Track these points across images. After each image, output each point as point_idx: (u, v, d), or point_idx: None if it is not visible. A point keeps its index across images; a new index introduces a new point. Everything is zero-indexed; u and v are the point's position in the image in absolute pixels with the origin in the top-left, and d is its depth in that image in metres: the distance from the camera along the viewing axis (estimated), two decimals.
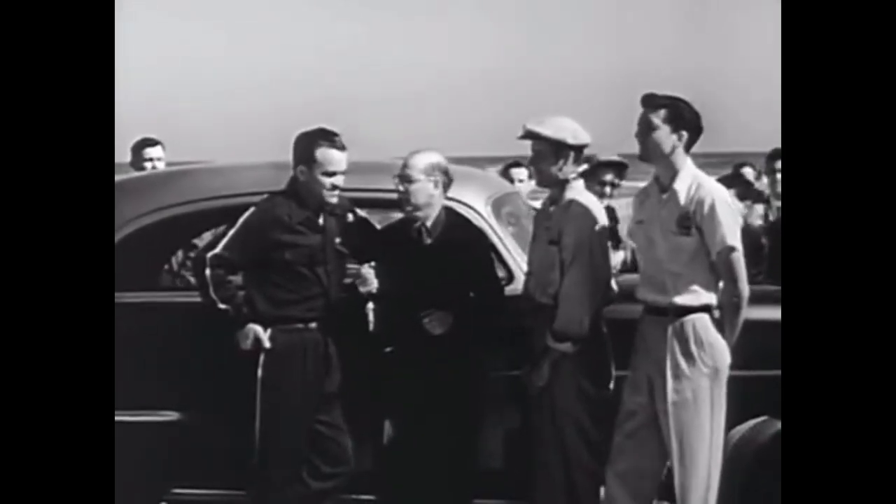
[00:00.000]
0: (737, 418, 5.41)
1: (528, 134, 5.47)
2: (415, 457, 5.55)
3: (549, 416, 5.37)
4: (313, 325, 5.59)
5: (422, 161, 5.60)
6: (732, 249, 5.15)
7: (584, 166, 5.59)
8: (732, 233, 5.17)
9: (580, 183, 5.52)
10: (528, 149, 5.54)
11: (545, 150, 5.45)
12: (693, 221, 5.16)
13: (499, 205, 6.10)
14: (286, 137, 5.71)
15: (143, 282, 6.12)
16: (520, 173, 8.27)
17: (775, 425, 5.48)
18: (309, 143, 5.59)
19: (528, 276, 5.59)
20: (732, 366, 5.20)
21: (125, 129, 6.65)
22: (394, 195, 5.63)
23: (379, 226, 6.06)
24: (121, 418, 4.64)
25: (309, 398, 5.56)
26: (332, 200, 5.60)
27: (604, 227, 5.46)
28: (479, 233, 5.78)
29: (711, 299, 5.22)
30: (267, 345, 5.54)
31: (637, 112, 5.29)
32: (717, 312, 5.23)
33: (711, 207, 5.14)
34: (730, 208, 5.25)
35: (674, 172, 5.25)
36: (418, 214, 5.60)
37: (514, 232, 6.04)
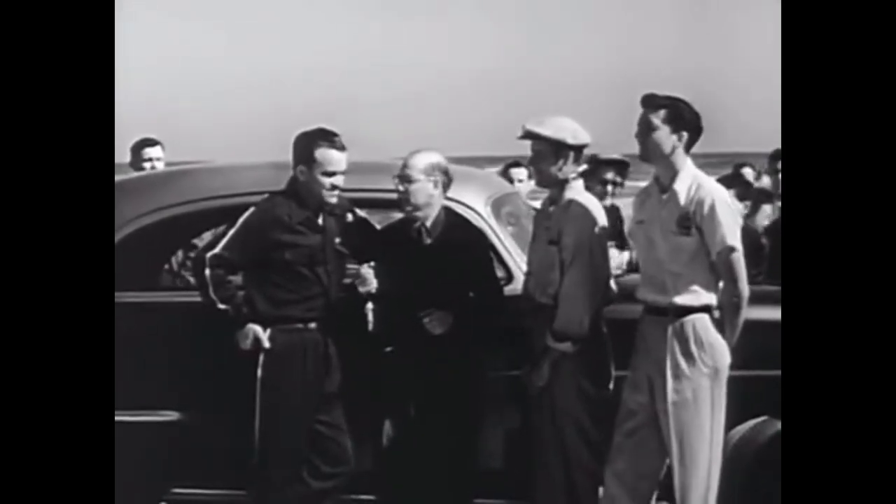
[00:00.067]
0: (737, 418, 5.41)
1: (527, 134, 5.46)
2: (415, 457, 5.55)
3: (549, 416, 5.37)
4: (313, 325, 5.59)
5: (421, 161, 5.60)
6: (732, 249, 5.15)
7: (583, 166, 5.59)
8: (732, 233, 5.17)
9: (580, 183, 5.52)
10: (528, 149, 5.54)
11: (545, 150, 5.45)
12: (693, 221, 5.16)
13: (498, 205, 6.09)
14: (286, 137, 5.71)
15: (143, 282, 6.12)
16: (519, 173, 8.27)
17: (775, 425, 5.49)
18: (308, 144, 5.59)
19: (528, 276, 5.59)
20: (732, 366, 5.20)
21: (125, 129, 6.64)
22: (393, 195, 5.63)
23: (379, 226, 6.05)
24: (121, 418, 4.64)
25: (309, 398, 5.56)
26: (332, 200, 5.60)
27: (603, 227, 5.45)
28: (478, 233, 5.77)
29: (711, 299, 5.22)
30: (267, 345, 5.54)
31: (637, 112, 5.29)
32: (717, 312, 5.23)
33: (711, 208, 5.14)
34: (730, 208, 5.25)
35: (674, 173, 5.25)
36: (418, 214, 5.60)
37: (514, 232, 6.03)
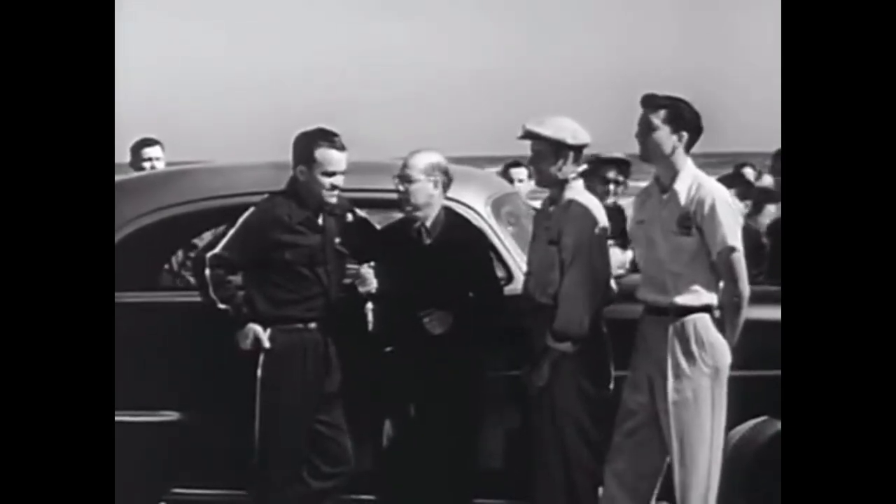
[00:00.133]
0: (737, 418, 5.41)
1: (527, 134, 5.46)
2: (415, 457, 5.55)
3: (549, 416, 5.37)
4: (313, 325, 5.59)
5: (422, 161, 5.60)
6: (733, 249, 5.15)
7: (583, 166, 5.59)
8: (733, 233, 5.17)
9: (580, 183, 5.52)
10: (528, 149, 5.54)
11: (545, 150, 5.45)
12: (693, 221, 5.16)
13: (498, 205, 6.09)
14: (286, 137, 5.71)
15: (144, 282, 6.12)
16: (520, 173, 8.27)
17: (775, 425, 5.49)
18: (308, 144, 5.59)
19: (528, 276, 5.59)
20: (733, 366, 5.20)
21: (125, 129, 6.64)
22: (393, 195, 5.63)
23: (379, 226, 6.05)
24: (121, 418, 4.64)
25: (309, 398, 5.56)
26: (332, 200, 5.60)
27: (604, 228, 5.45)
28: (478, 233, 5.77)
29: (712, 299, 5.22)
30: (267, 345, 5.54)
31: (637, 112, 5.29)
32: (717, 312, 5.23)
33: (712, 208, 5.14)
34: (730, 208, 5.25)
35: (674, 173, 5.25)
36: (418, 214, 5.60)
37: (514, 232, 6.03)
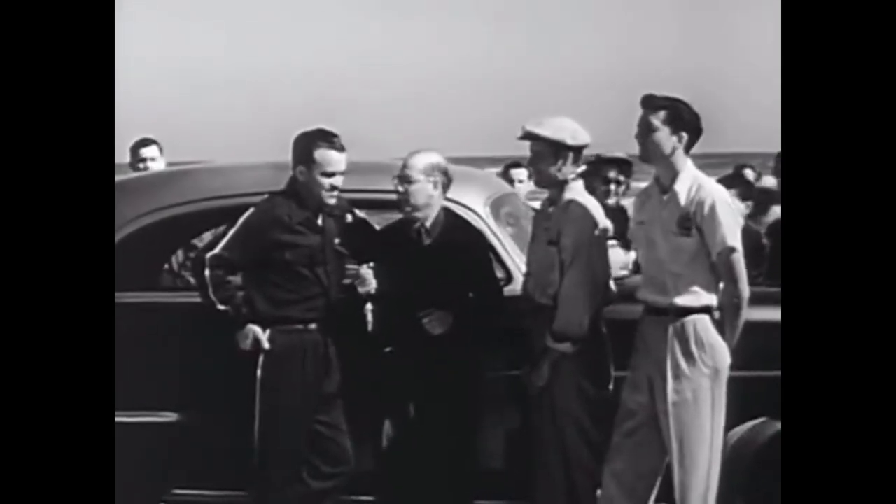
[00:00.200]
0: (736, 419, 5.41)
1: (527, 135, 5.46)
2: (415, 457, 5.55)
3: (548, 417, 5.37)
4: (313, 326, 5.59)
5: (421, 161, 5.60)
6: (733, 250, 5.15)
7: (583, 167, 5.59)
8: (733, 234, 5.17)
9: (579, 183, 5.52)
10: (528, 149, 5.54)
11: (544, 151, 5.45)
12: (693, 222, 5.16)
13: (498, 205, 6.09)
14: (286, 138, 5.71)
15: (143, 282, 6.12)
16: (520, 174, 8.27)
17: (775, 426, 5.49)
18: (308, 144, 5.59)
19: (527, 276, 5.59)
20: (732, 366, 5.20)
21: (125, 129, 6.64)
22: (393, 196, 5.63)
23: (378, 226, 6.05)
24: (121, 419, 4.64)
25: (308, 398, 5.56)
26: (331, 201, 5.60)
27: (603, 228, 5.45)
28: (478, 233, 5.77)
29: (712, 300, 5.22)
30: (266, 345, 5.54)
31: (637, 113, 5.29)
32: (717, 313, 5.23)
33: (712, 208, 5.14)
34: (730, 209, 5.25)
35: (674, 173, 5.25)
36: (417, 215, 5.60)
37: (513, 232, 6.03)
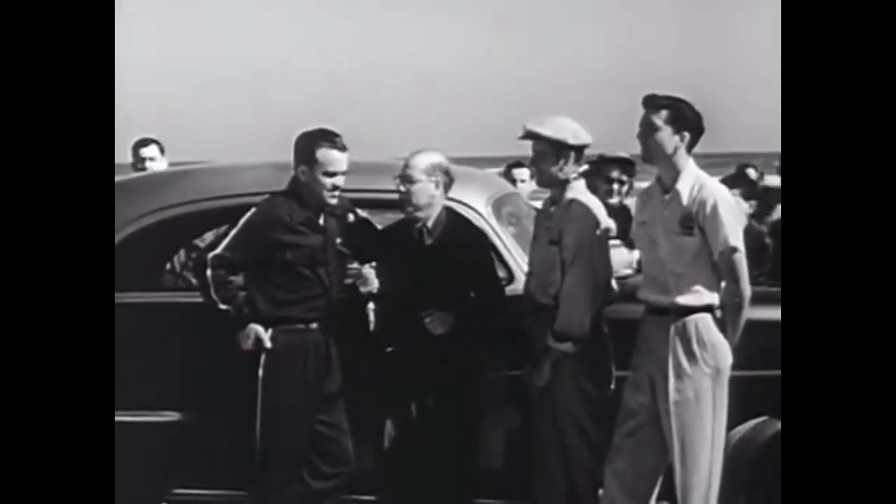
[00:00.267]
0: (738, 418, 5.41)
1: (528, 134, 5.46)
2: (416, 457, 5.54)
3: (549, 417, 5.37)
4: (314, 326, 5.59)
5: (423, 161, 5.60)
6: (735, 250, 5.15)
7: (584, 167, 5.58)
8: (735, 233, 5.17)
9: (581, 183, 5.51)
10: (529, 149, 5.53)
11: (546, 151, 5.44)
12: (696, 222, 5.16)
13: (499, 205, 6.09)
14: (287, 138, 5.71)
15: (145, 282, 6.12)
16: (522, 174, 8.26)
17: (776, 425, 5.49)
18: (310, 144, 5.59)
19: (529, 276, 5.59)
20: (734, 366, 5.20)
21: (125, 129, 6.64)
22: (394, 196, 5.62)
23: (380, 226, 6.05)
24: (121, 418, 4.64)
25: (310, 398, 5.56)
26: (333, 201, 5.60)
27: (605, 228, 5.45)
28: (479, 233, 5.77)
29: (714, 299, 5.21)
30: (268, 345, 5.54)
31: (638, 112, 5.28)
32: (718, 312, 5.23)
33: (714, 208, 5.14)
34: (732, 209, 5.25)
35: (676, 173, 5.25)
36: (419, 215, 5.59)
37: (515, 232, 6.03)
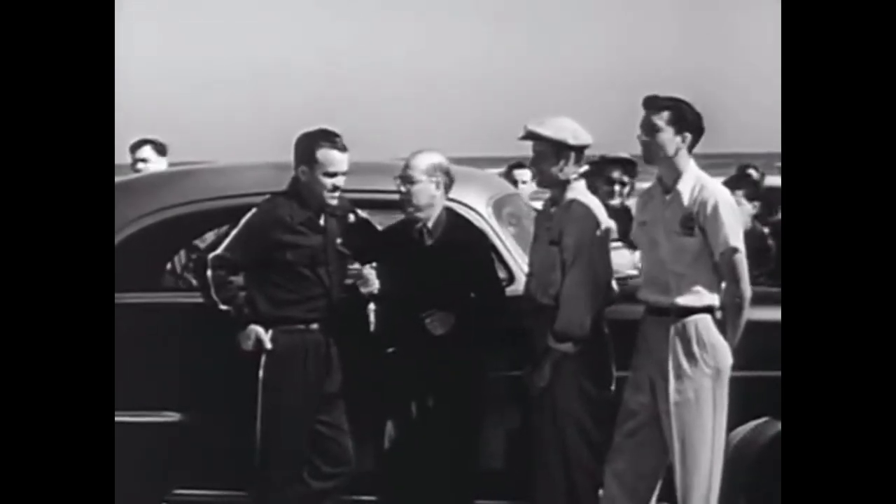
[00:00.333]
0: (738, 419, 5.41)
1: (528, 134, 5.46)
2: (416, 457, 5.54)
3: (550, 417, 5.37)
4: (314, 326, 5.59)
5: (423, 162, 5.60)
6: (735, 250, 5.15)
7: (584, 167, 5.58)
8: (735, 234, 5.17)
9: (581, 183, 5.51)
10: (529, 150, 5.53)
11: (546, 151, 5.44)
12: (696, 222, 5.16)
13: (500, 206, 6.09)
14: (287, 138, 5.72)
15: (145, 282, 6.12)
16: (523, 174, 8.26)
17: (776, 426, 5.48)
18: (310, 144, 5.59)
19: (529, 276, 5.59)
20: (734, 366, 5.20)
21: (125, 129, 6.64)
22: (395, 196, 5.62)
23: (380, 227, 6.05)
24: (121, 419, 4.64)
25: (310, 399, 5.56)
26: (333, 201, 5.60)
27: (605, 228, 5.45)
28: (480, 234, 5.77)
29: (714, 300, 5.22)
30: (268, 346, 5.54)
31: (638, 113, 5.28)
32: (719, 313, 5.23)
33: (715, 208, 5.14)
34: (733, 209, 5.25)
35: (677, 174, 5.25)
36: (420, 215, 5.59)
37: (515, 233, 6.03)
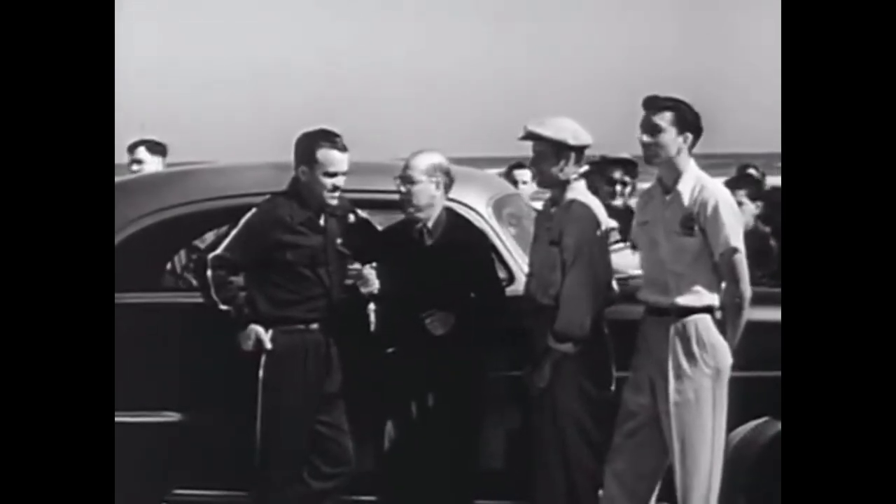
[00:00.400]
0: (738, 419, 5.41)
1: (528, 135, 5.46)
2: (416, 457, 5.55)
3: (550, 417, 5.37)
4: (315, 326, 5.59)
5: (423, 162, 5.60)
6: (735, 251, 5.15)
7: (584, 167, 5.58)
8: (735, 234, 5.17)
9: (581, 184, 5.51)
10: (529, 150, 5.53)
11: (546, 151, 5.44)
12: (697, 222, 5.16)
13: (500, 206, 6.09)
14: (287, 138, 5.71)
15: (145, 282, 6.12)
16: (524, 175, 8.25)
17: (776, 426, 5.48)
18: (310, 144, 5.59)
19: (530, 276, 5.59)
20: (734, 367, 5.20)
21: (125, 129, 6.64)
22: (395, 196, 5.62)
23: (380, 227, 6.05)
24: (121, 419, 4.64)
25: (310, 399, 5.56)
26: (333, 202, 5.60)
27: (605, 229, 5.45)
28: (480, 234, 5.77)
29: (714, 300, 5.22)
30: (268, 346, 5.54)
31: (639, 113, 5.28)
32: (719, 313, 5.23)
33: (715, 209, 5.14)
34: (733, 210, 5.25)
35: (677, 174, 5.25)
36: (420, 215, 5.59)
37: (516, 233, 6.03)
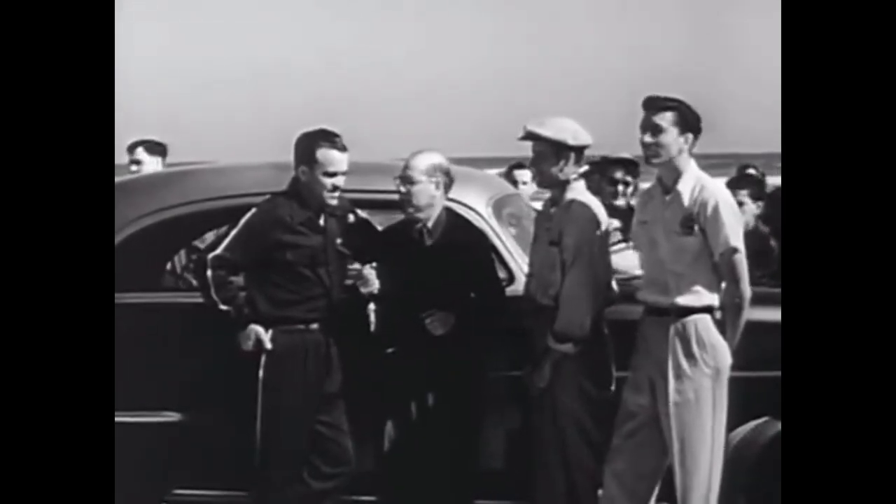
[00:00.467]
0: (738, 419, 5.41)
1: (528, 135, 5.46)
2: (416, 457, 5.55)
3: (550, 417, 5.37)
4: (314, 326, 5.59)
5: (423, 162, 5.60)
6: (735, 251, 5.15)
7: (584, 167, 5.58)
8: (735, 234, 5.17)
9: (581, 184, 5.51)
10: (530, 150, 5.53)
11: (546, 151, 5.44)
12: (697, 222, 5.16)
13: (500, 206, 6.09)
14: (287, 138, 5.71)
15: (145, 282, 6.12)
16: (524, 175, 8.25)
17: (776, 426, 5.48)
18: (310, 144, 5.59)
19: (529, 277, 5.59)
20: (734, 367, 5.20)
21: (125, 129, 6.64)
22: (395, 196, 5.62)
23: (380, 227, 6.05)
24: (121, 419, 4.64)
25: (310, 399, 5.56)
26: (333, 202, 5.60)
27: (605, 229, 5.45)
28: (480, 234, 5.77)
29: (713, 300, 5.22)
30: (268, 346, 5.54)
31: (639, 113, 5.28)
32: (718, 313, 5.23)
33: (715, 209, 5.14)
34: (733, 210, 5.25)
35: (677, 174, 5.25)
36: (419, 215, 5.59)
37: (515, 233, 6.03)
